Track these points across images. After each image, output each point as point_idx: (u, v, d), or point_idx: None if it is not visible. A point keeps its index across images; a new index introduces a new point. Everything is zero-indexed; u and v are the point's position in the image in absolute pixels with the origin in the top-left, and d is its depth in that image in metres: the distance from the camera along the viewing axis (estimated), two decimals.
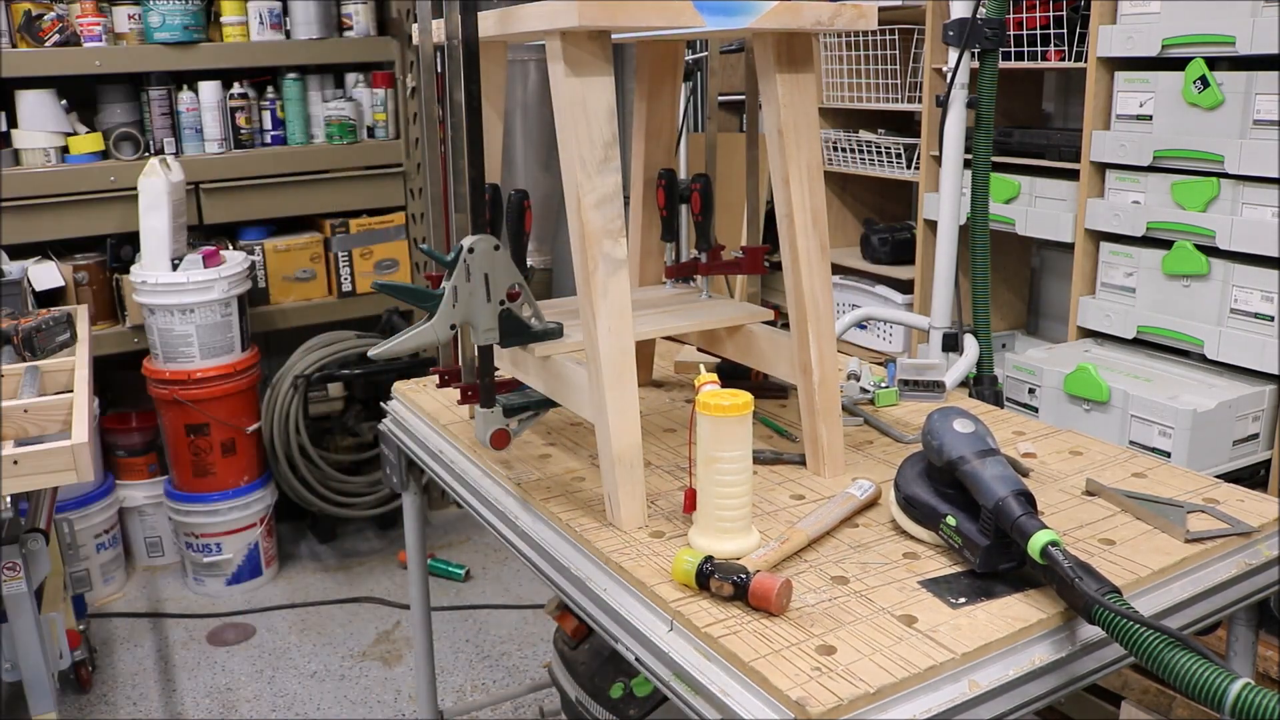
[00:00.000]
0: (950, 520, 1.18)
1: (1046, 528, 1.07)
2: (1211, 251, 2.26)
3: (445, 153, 1.42)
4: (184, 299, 3.00)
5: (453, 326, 1.34)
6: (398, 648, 2.95)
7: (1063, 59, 2.59)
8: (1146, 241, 2.40)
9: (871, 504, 1.35)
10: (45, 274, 3.03)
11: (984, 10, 2.10)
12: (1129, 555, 1.20)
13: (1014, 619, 1.08)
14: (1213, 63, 2.22)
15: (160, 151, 3.23)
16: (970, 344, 2.23)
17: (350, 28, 3.42)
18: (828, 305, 1.41)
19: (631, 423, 1.27)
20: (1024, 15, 2.64)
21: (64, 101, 3.15)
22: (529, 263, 1.32)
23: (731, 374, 1.75)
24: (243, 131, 3.33)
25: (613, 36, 1.25)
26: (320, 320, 3.49)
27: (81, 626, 2.80)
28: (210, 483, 3.19)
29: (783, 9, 1.26)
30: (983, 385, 2.18)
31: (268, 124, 3.37)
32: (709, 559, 1.13)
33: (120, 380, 3.41)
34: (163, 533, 3.41)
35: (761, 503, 1.36)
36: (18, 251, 3.06)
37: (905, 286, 3.19)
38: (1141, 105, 2.36)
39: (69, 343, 2.44)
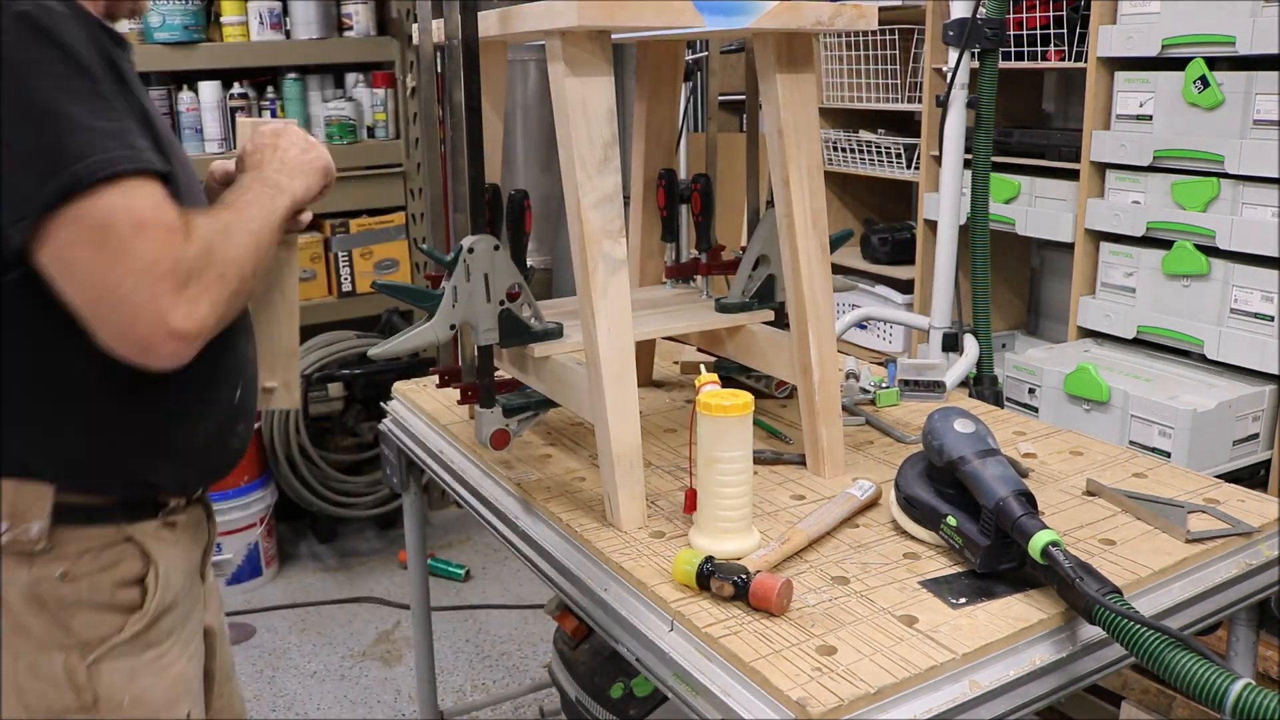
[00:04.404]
0: (951, 520, 1.18)
1: (1047, 528, 1.07)
2: (1211, 251, 2.26)
3: (445, 153, 1.41)
4: None
5: (452, 326, 1.34)
6: (398, 648, 2.95)
7: (1063, 59, 2.59)
8: (1146, 241, 2.39)
9: (872, 504, 1.35)
10: None
11: (984, 10, 2.10)
12: (1129, 555, 1.20)
13: (1014, 619, 1.08)
14: (1213, 63, 2.22)
15: None
16: (970, 344, 2.23)
17: (350, 28, 3.42)
18: (828, 306, 1.41)
19: (631, 423, 1.27)
20: (1024, 15, 2.64)
21: None
22: (529, 263, 1.32)
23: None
24: None
25: (613, 36, 1.25)
26: (320, 320, 3.49)
27: None
28: None
29: (783, 9, 1.26)
30: (983, 385, 2.18)
31: None
32: (709, 559, 1.13)
33: None
34: None
35: (762, 503, 1.36)
36: None
37: (905, 286, 3.19)
38: (1141, 105, 2.36)
39: None
